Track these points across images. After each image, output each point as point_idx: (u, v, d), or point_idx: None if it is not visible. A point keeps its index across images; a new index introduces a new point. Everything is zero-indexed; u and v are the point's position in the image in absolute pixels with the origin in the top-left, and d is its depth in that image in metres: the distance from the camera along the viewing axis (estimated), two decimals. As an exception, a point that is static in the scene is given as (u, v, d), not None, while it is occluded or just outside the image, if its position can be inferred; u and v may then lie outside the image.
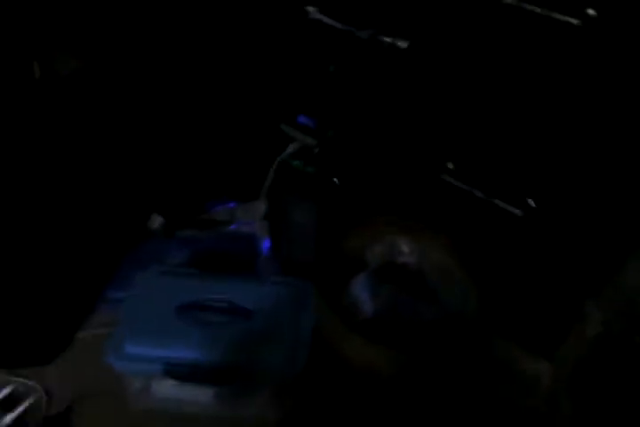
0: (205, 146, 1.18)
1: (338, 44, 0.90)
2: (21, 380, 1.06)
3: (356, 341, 0.84)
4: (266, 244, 1.23)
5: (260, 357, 0.94)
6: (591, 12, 0.73)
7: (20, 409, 1.00)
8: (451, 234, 1.00)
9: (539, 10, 0.76)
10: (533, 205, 0.88)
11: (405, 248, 1.03)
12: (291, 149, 0.98)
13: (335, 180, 0.99)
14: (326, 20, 0.92)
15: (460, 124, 0.94)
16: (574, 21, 0.74)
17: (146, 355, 0.94)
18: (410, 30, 0.88)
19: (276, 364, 0.94)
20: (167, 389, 0.99)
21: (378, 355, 0.86)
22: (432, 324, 0.96)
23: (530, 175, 0.93)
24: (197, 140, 1.19)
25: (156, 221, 1.29)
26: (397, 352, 0.86)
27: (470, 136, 0.96)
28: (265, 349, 0.94)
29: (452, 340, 0.93)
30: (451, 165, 0.97)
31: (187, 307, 0.99)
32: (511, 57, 0.85)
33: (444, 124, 0.94)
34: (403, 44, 0.88)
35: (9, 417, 0.99)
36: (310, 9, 0.93)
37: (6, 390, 1.03)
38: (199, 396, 0.98)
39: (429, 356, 0.89)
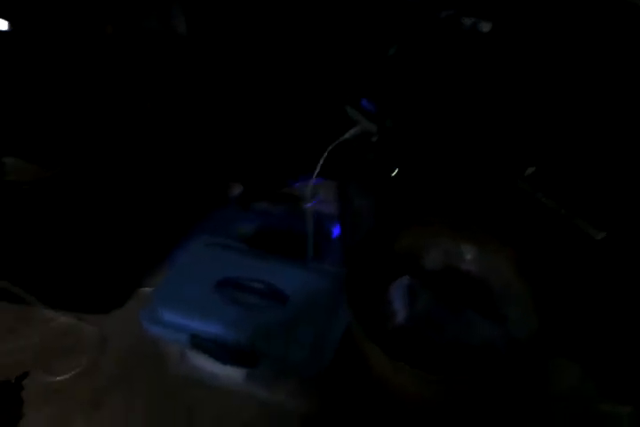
0: (285, 120, 1.14)
1: (407, 22, 0.80)
2: (84, 324, 1.13)
3: (377, 352, 0.77)
4: (337, 227, 1.18)
5: (285, 346, 0.91)
6: None
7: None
8: (517, 248, 0.87)
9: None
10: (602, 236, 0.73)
11: (468, 255, 0.93)
12: (351, 132, 0.90)
13: (394, 171, 0.90)
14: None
15: (545, 124, 0.81)
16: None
17: (176, 323, 0.95)
18: (495, 11, 0.76)
19: (301, 356, 0.90)
20: (201, 360, 1.00)
21: (400, 372, 0.79)
22: (485, 344, 0.86)
23: (621, 195, 0.78)
24: (279, 113, 1.15)
25: (235, 191, 1.29)
26: (427, 373, 0.78)
27: (558, 139, 0.82)
28: (291, 338, 0.91)
29: (507, 366, 0.81)
30: (530, 171, 0.84)
31: (226, 283, 0.98)
32: (612, 47, 0.70)
33: (525, 122, 0.81)
34: (485, 27, 0.76)
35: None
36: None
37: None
38: (231, 373, 0.98)
39: (469, 381, 0.79)
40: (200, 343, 0.94)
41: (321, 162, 0.90)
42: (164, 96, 1.27)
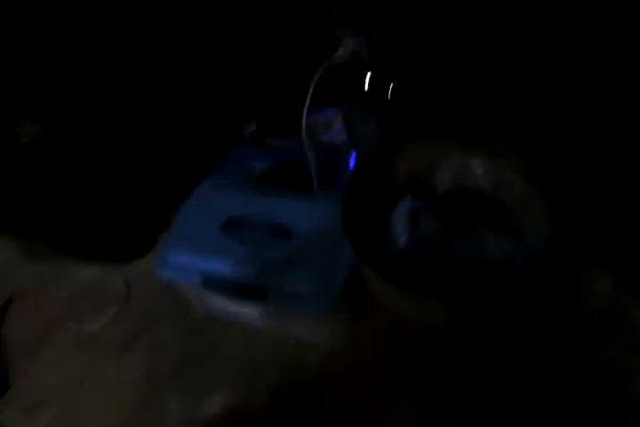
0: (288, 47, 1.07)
1: None
2: (109, 275, 1.15)
3: (378, 280, 0.73)
4: (353, 157, 1.12)
5: (293, 281, 0.88)
6: None
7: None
8: (528, 158, 0.79)
9: None
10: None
11: (478, 170, 0.85)
12: (340, 53, 0.83)
13: (389, 88, 0.83)
14: None
15: (550, 19, 0.71)
16: None
17: (186, 265, 0.94)
18: None
19: (309, 290, 0.87)
20: (218, 299, 0.99)
21: (404, 301, 0.74)
22: (499, 262, 0.79)
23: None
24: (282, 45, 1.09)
25: (249, 128, 1.24)
26: (433, 298, 0.73)
27: (564, 34, 0.72)
28: (299, 273, 0.88)
29: (524, 280, 0.75)
30: (536, 71, 0.75)
31: (233, 222, 0.95)
32: None
33: (527, 18, 0.71)
34: None
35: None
36: None
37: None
38: (246, 310, 0.97)
39: (479, 301, 0.74)
40: (211, 283, 0.93)
41: (311, 90, 0.83)
42: (171, 37, 1.23)
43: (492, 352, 0.86)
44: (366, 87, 0.85)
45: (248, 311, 0.97)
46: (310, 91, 0.84)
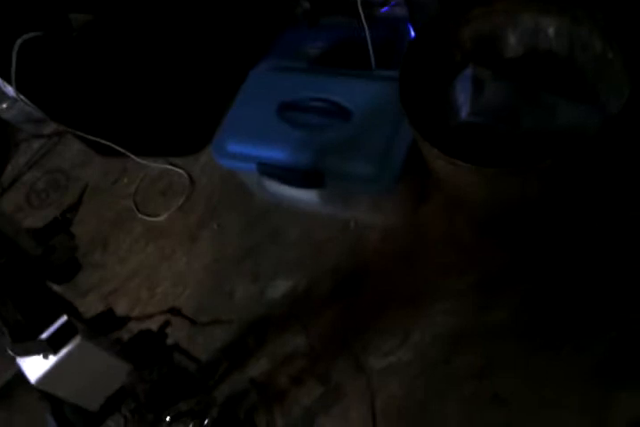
0: None
1: None
2: (173, 168, 1.16)
3: (435, 154, 0.68)
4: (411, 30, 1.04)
5: (351, 162, 0.85)
6: None
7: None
8: (609, 12, 0.70)
9: None
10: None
11: (549, 30, 0.77)
12: None
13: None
14: None
15: None
16: None
17: (243, 153, 0.93)
18: None
19: (368, 171, 0.84)
20: (277, 186, 0.98)
21: (469, 177, 0.70)
22: (572, 128, 0.73)
23: None
24: None
25: (302, 7, 1.17)
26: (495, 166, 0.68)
27: None
28: (357, 154, 0.85)
29: (599, 143, 0.69)
30: None
31: (287, 106, 0.92)
32: None
33: None
34: None
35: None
36: None
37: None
38: (305, 195, 0.95)
39: (549, 166, 0.68)
40: (267, 170, 0.91)
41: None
42: None
43: (559, 227, 0.82)
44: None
45: (309, 197, 0.95)
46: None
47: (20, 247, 0.55)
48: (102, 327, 0.57)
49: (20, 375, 0.46)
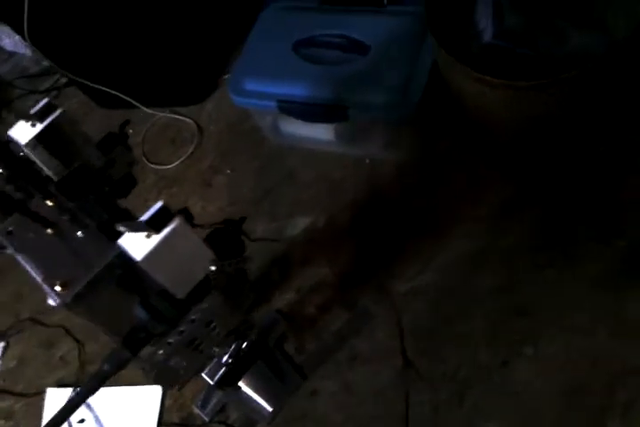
0: None
1: None
2: (179, 117, 1.17)
3: (465, 72, 0.72)
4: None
5: (373, 92, 0.88)
6: None
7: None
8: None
9: None
10: None
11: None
12: None
13: None
14: None
15: None
16: None
17: (262, 91, 0.94)
18: None
19: (390, 98, 0.87)
20: (292, 126, 1.01)
21: (494, 94, 0.74)
22: (581, 52, 0.78)
23: None
24: None
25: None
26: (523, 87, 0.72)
27: None
28: (377, 84, 0.88)
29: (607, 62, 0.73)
30: None
31: (303, 43, 0.94)
32: None
33: None
34: None
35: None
36: None
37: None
38: (321, 134, 0.98)
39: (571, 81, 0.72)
40: (288, 108, 0.93)
41: None
42: None
43: (573, 152, 0.87)
44: None
45: (325, 134, 0.98)
46: None
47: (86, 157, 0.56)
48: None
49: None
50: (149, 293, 0.50)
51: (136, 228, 0.46)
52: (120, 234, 0.47)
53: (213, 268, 0.52)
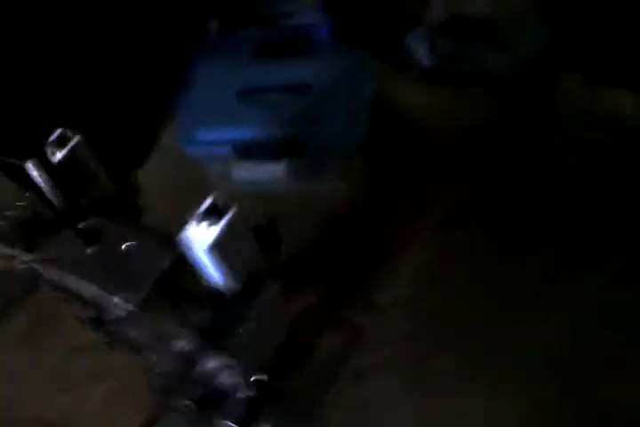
0: None
1: None
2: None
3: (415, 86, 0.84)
4: (323, 32, 1.19)
5: (321, 127, 0.96)
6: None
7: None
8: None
9: None
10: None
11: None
12: None
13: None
14: None
15: None
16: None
17: (214, 138, 0.99)
18: None
19: (337, 133, 0.95)
20: (244, 172, 1.05)
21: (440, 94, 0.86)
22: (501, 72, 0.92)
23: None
24: None
25: (214, 25, 1.26)
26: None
27: None
28: (325, 119, 0.96)
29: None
30: None
31: (246, 91, 1.01)
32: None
33: None
34: None
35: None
36: None
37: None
38: (273, 174, 1.03)
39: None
40: (242, 149, 0.98)
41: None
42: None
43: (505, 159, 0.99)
44: None
45: (273, 174, 1.03)
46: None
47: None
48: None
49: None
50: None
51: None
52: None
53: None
